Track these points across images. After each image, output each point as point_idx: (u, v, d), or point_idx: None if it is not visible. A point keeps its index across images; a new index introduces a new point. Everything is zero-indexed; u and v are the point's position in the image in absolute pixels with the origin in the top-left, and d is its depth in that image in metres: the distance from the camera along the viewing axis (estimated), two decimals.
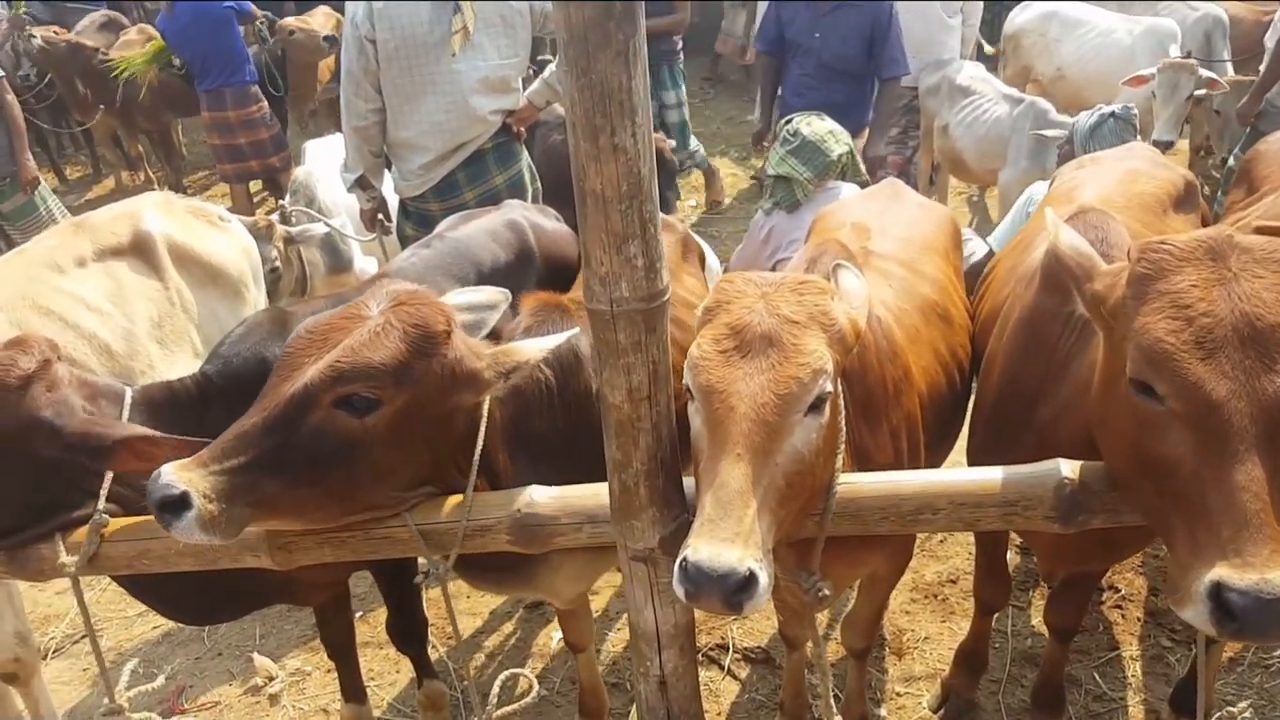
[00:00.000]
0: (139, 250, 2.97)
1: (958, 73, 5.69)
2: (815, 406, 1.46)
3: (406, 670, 3.11)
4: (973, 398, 2.29)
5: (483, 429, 1.72)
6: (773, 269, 3.85)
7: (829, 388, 1.46)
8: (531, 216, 3.09)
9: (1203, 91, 4.97)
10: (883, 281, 2.22)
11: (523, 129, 3.94)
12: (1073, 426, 1.69)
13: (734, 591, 1.31)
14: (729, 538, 1.33)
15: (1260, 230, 1.75)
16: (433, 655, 2.96)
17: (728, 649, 3.07)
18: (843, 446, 1.60)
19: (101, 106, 7.65)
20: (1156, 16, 6.29)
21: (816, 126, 3.85)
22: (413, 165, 3.71)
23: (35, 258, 2.80)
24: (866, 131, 4.96)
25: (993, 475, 1.55)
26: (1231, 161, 4.79)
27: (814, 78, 4.94)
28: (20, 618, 2.67)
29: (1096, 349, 1.60)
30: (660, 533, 1.59)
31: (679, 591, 1.36)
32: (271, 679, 3.16)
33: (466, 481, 1.71)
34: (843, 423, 1.61)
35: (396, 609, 2.56)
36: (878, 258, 2.34)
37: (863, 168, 4.11)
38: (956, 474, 1.60)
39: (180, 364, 2.91)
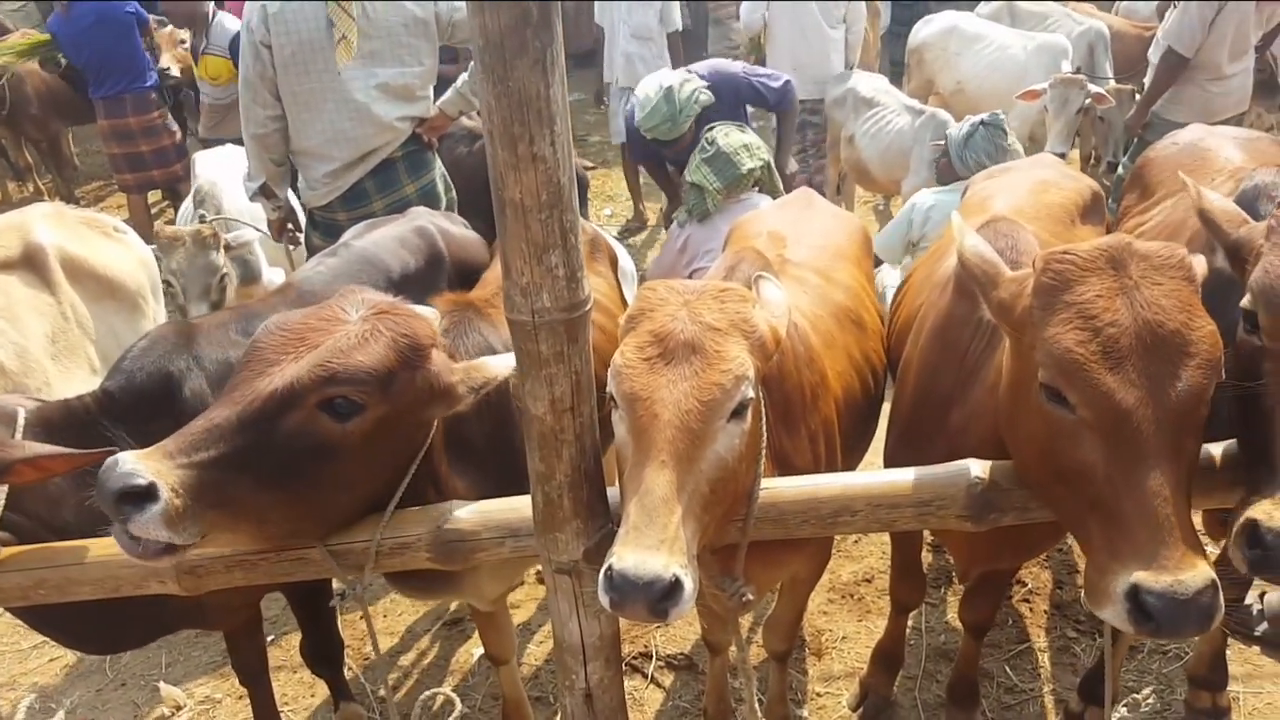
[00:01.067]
0: (30, 263, 2.81)
1: (862, 85, 5.87)
2: (738, 413, 1.48)
3: (321, 693, 3.02)
4: (888, 402, 2.35)
5: (429, 441, 1.70)
6: (689, 278, 3.90)
7: (751, 394, 1.48)
8: (439, 222, 3.05)
9: (1089, 102, 5.23)
10: (798, 289, 2.26)
11: (434, 138, 3.89)
12: (982, 429, 1.74)
13: (659, 599, 1.31)
14: (654, 545, 1.33)
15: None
16: (348, 676, 2.88)
17: (651, 657, 3.07)
18: (764, 452, 1.63)
19: None
20: (1048, 32, 6.60)
21: (733, 138, 3.91)
22: (318, 174, 3.62)
23: None
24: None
25: (907, 476, 1.59)
26: (1120, 170, 5.05)
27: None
28: None
29: (1003, 353, 1.66)
30: (585, 544, 1.58)
31: (604, 601, 1.35)
32: (179, 709, 3.03)
33: (424, 493, 1.70)
34: (764, 428, 1.64)
35: (311, 631, 2.49)
36: (793, 265, 2.39)
37: (779, 182, 4.19)
38: (873, 476, 1.64)
39: (77, 381, 2.77)
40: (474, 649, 3.20)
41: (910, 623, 2.84)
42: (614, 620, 1.71)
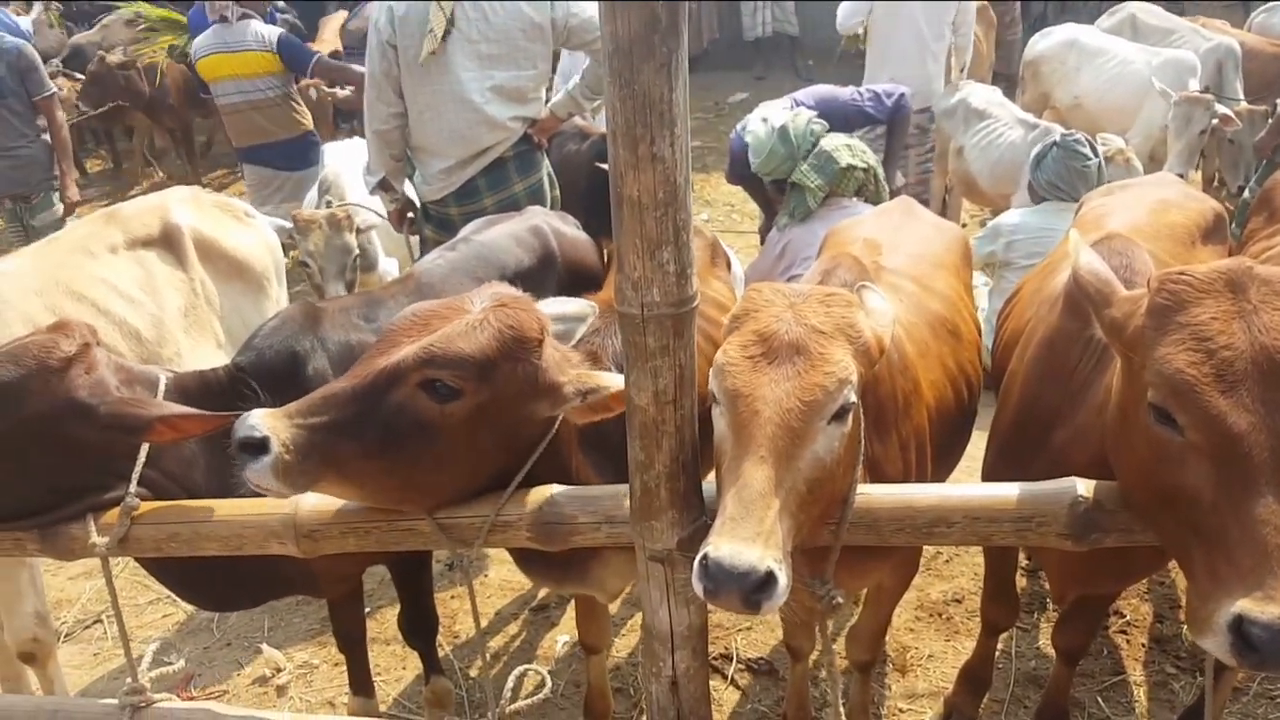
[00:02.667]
0: (167, 242, 3.02)
1: (974, 96, 5.75)
2: (839, 415, 1.50)
3: (412, 667, 3.14)
4: (989, 415, 2.32)
5: (548, 435, 1.75)
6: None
7: (853, 398, 1.50)
8: (553, 222, 3.15)
9: (1215, 123, 5.01)
10: (893, 296, 2.25)
11: (544, 139, 4.00)
12: (1087, 450, 1.71)
13: (753, 590, 1.33)
14: (750, 537, 1.35)
15: None
16: (439, 653, 2.99)
17: (731, 659, 3.09)
18: (861, 457, 1.64)
19: (125, 103, 7.77)
20: (1174, 48, 6.34)
21: (835, 139, 3.90)
22: (433, 169, 3.77)
23: (69, 245, 2.86)
24: None
25: (1008, 490, 1.58)
26: (1247, 194, 4.82)
27: None
28: (40, 599, 2.71)
29: (1114, 374, 1.63)
30: (679, 534, 1.62)
31: (698, 589, 1.38)
32: (279, 671, 3.19)
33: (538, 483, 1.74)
34: (861, 434, 1.65)
35: (410, 604, 2.60)
36: (889, 272, 2.38)
37: (886, 191, 4.15)
38: (972, 488, 1.63)
39: (205, 353, 2.96)
40: (559, 636, 3.28)
41: (1000, 646, 2.79)
42: (703, 611, 1.74)
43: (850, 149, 3.88)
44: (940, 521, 1.59)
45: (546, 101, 3.97)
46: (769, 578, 1.34)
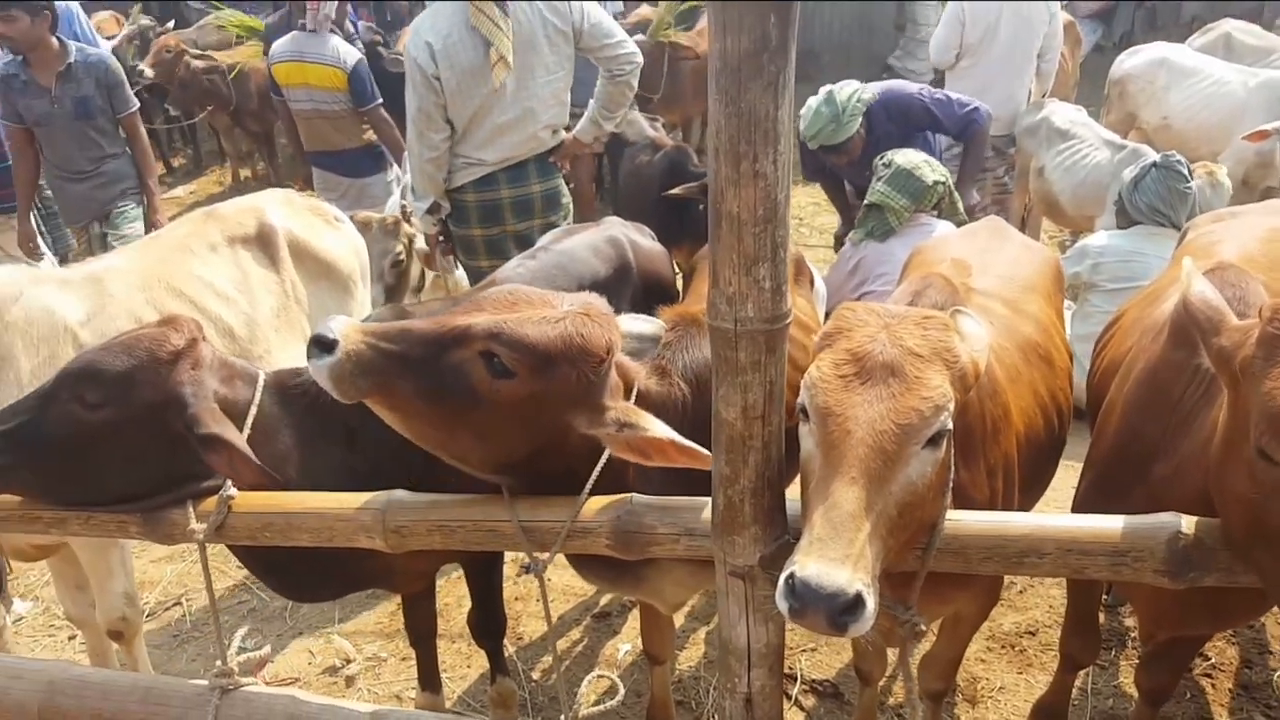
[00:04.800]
0: (263, 242, 3.13)
1: (1057, 115, 5.62)
2: (933, 441, 1.48)
3: (477, 666, 3.18)
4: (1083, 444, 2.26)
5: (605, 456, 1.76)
6: (857, 301, 3.86)
7: (949, 424, 1.48)
8: (630, 234, 3.18)
9: None
10: (984, 318, 2.21)
11: (566, 164, 4.16)
12: (1189, 485, 1.66)
13: (841, 612, 1.32)
14: (839, 558, 1.34)
15: None
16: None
17: (796, 679, 3.06)
18: (950, 483, 1.61)
19: (210, 107, 8.07)
20: (1272, 68, 6.12)
21: (911, 156, 3.85)
22: (459, 160, 3.92)
23: (171, 243, 2.98)
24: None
25: (1104, 523, 1.54)
26: None
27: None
28: (129, 580, 2.82)
29: (1220, 406, 1.58)
30: (762, 550, 1.61)
31: (782, 607, 1.37)
32: (349, 661, 3.27)
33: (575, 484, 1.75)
34: (952, 460, 1.62)
35: (481, 603, 2.64)
36: (979, 294, 2.34)
37: (961, 207, 4.08)
38: (1067, 519, 1.59)
39: (293, 352, 3.05)
40: (621, 644, 3.28)
41: (1076, 682, 2.71)
42: (781, 629, 1.73)
43: (929, 164, 3.83)
44: (1031, 552, 1.55)
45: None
46: (857, 600, 1.32)
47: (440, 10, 3.72)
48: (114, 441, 1.86)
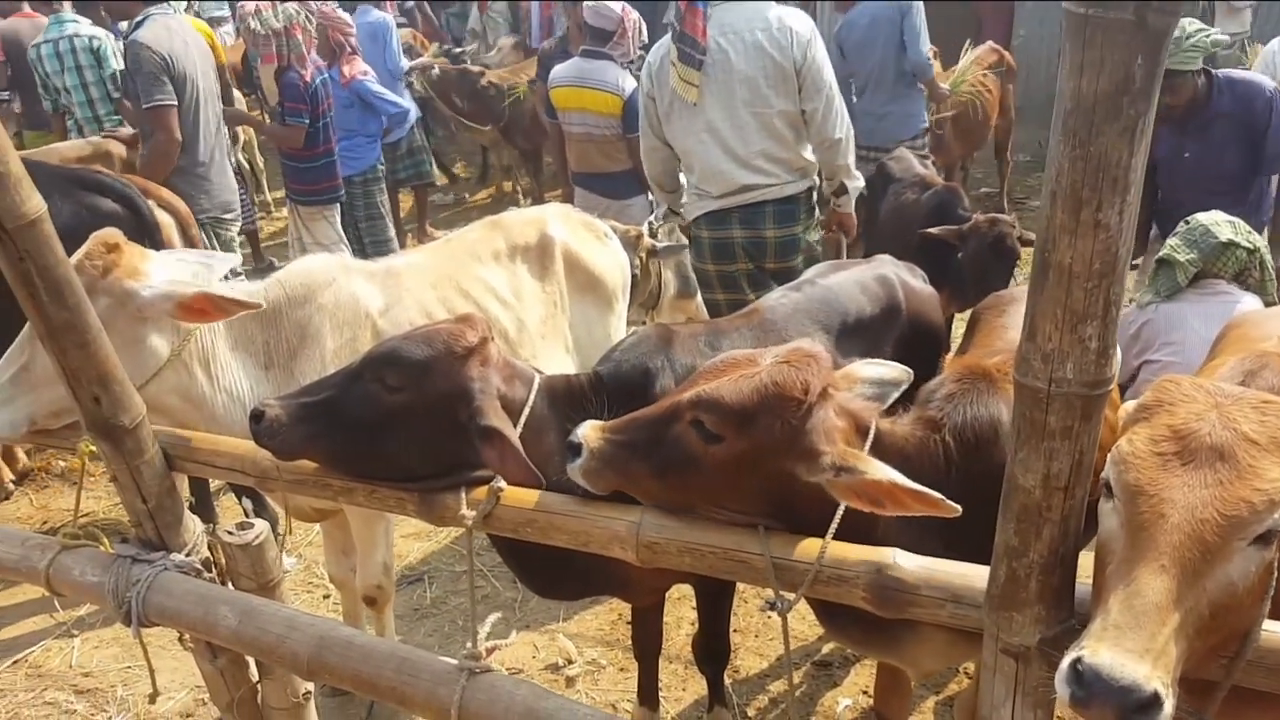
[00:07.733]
0: (541, 252, 3.31)
1: None
2: (1263, 539, 1.31)
3: (692, 690, 3.18)
4: None
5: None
6: (1137, 369, 3.51)
7: None
8: (902, 273, 3.07)
9: None
10: None
11: (842, 236, 4.32)
12: None
13: (1133, 710, 1.19)
14: (1138, 650, 1.22)
15: None
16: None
17: None
18: (1272, 589, 1.41)
19: (487, 125, 8.72)
20: None
21: (1215, 215, 3.48)
22: (691, 193, 4.16)
23: (462, 246, 3.22)
24: (1264, 234, 4.36)
25: None
26: None
27: (1184, 193, 4.40)
28: (389, 552, 3.06)
29: None
30: (1043, 632, 1.48)
31: (1063, 693, 1.25)
32: (570, 662, 3.36)
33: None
34: (1276, 563, 1.42)
35: (707, 628, 2.63)
36: None
37: (1274, 282, 3.62)
38: None
39: (556, 359, 3.20)
40: (841, 697, 3.16)
41: None
42: (1050, 716, 1.59)
43: (1233, 225, 3.44)
44: None
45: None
46: (1153, 700, 1.19)
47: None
48: (406, 423, 2.01)
